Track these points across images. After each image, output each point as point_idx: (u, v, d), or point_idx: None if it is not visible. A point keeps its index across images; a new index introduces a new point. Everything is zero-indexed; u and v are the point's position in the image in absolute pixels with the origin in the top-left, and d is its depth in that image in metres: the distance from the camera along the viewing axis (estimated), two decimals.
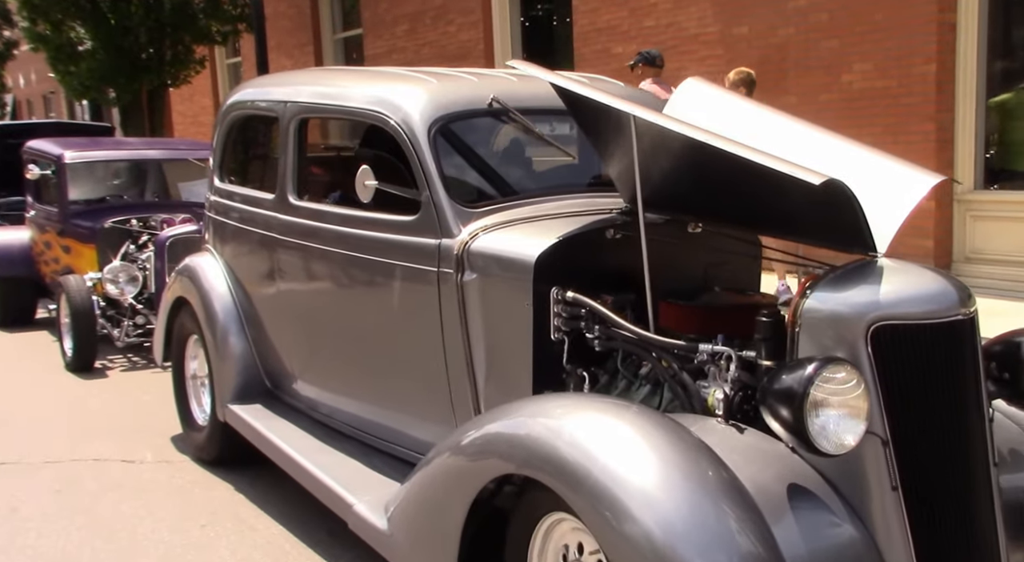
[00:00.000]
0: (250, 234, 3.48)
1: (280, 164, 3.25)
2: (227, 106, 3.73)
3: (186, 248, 5.68)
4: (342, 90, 3.05)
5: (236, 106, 3.67)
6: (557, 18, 9.65)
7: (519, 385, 2.50)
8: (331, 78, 3.27)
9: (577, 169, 3.05)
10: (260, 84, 3.66)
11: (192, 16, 11.21)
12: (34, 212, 6.75)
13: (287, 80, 3.45)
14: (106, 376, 5.48)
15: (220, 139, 3.78)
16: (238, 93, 3.72)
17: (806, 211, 2.14)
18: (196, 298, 3.74)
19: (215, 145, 3.85)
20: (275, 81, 3.58)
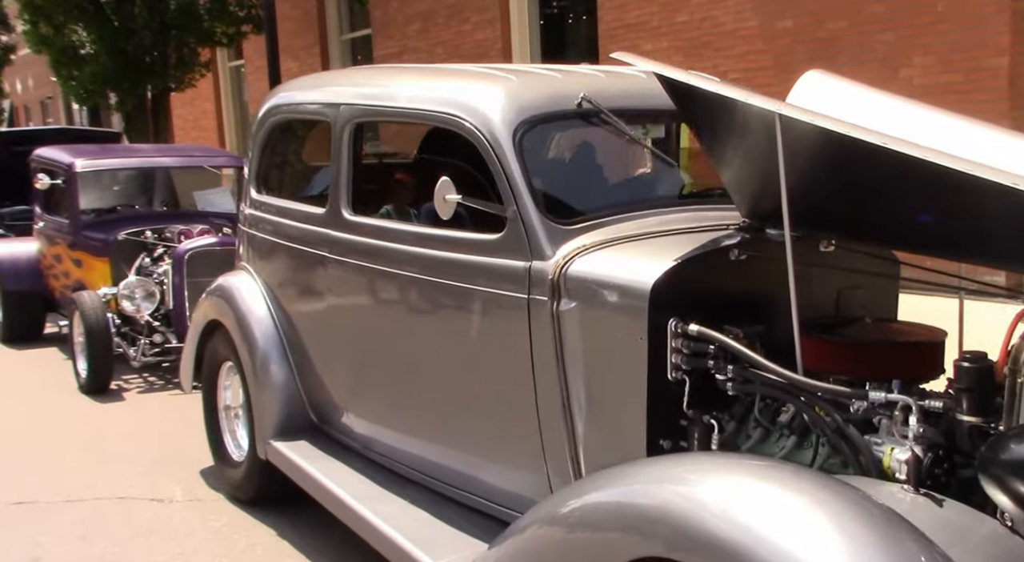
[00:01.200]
0: (294, 252, 3.13)
1: (332, 174, 2.90)
2: (265, 110, 3.37)
3: (206, 262, 5.35)
4: (407, 90, 2.70)
5: (276, 110, 3.32)
6: (580, 14, 9.29)
7: (629, 433, 2.16)
8: (391, 77, 2.92)
9: (672, 178, 2.70)
10: (305, 85, 3.30)
11: (197, 17, 10.85)
12: (43, 223, 6.38)
13: (337, 80, 3.10)
14: (122, 399, 5.12)
15: (257, 147, 3.43)
16: (278, 96, 3.37)
17: (996, 225, 1.80)
18: (232, 321, 3.39)
19: (251, 153, 3.50)
20: (323, 81, 3.22)
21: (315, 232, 3.00)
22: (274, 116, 3.34)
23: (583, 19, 9.04)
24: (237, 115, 16.44)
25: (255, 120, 3.45)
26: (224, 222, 6.14)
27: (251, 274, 3.45)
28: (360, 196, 2.87)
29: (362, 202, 2.88)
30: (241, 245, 3.64)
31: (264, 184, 3.45)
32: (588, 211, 2.43)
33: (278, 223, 3.25)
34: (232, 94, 16.34)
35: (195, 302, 5.27)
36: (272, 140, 3.41)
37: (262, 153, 3.43)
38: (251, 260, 3.49)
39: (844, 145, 1.85)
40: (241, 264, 3.58)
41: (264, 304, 3.34)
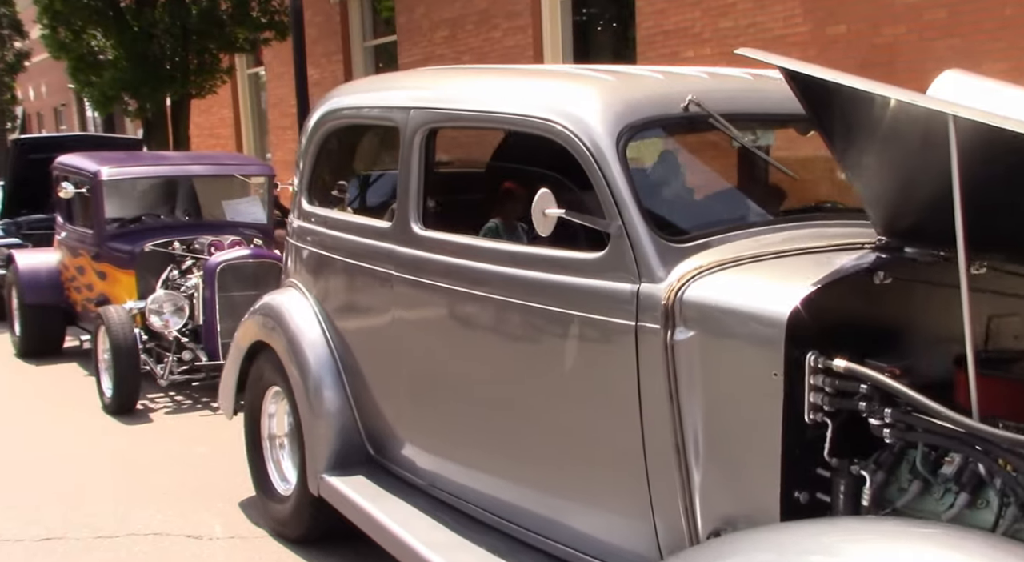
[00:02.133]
0: (353, 269, 2.87)
1: (401, 185, 2.63)
2: (320, 116, 3.11)
3: (239, 275, 5.10)
4: (489, 93, 2.44)
5: (333, 115, 3.06)
6: (616, 20, 9.05)
7: (759, 482, 1.88)
8: (469, 79, 2.66)
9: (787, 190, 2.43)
10: (366, 88, 3.04)
11: (219, 23, 10.64)
12: (65, 234, 6.14)
13: (405, 82, 2.84)
14: (149, 420, 4.85)
15: (310, 155, 3.17)
16: (334, 100, 3.11)
17: None
18: (281, 343, 3.12)
19: (302, 162, 3.24)
20: (388, 84, 2.96)
21: (379, 248, 2.73)
22: (329, 122, 3.08)
23: (619, 25, 8.80)
24: (255, 123, 16.25)
25: (308, 127, 3.19)
26: (254, 233, 5.90)
27: (302, 291, 3.19)
28: (433, 209, 2.61)
29: (434, 216, 2.61)
30: (289, 259, 3.38)
31: (317, 195, 3.19)
32: (700, 227, 2.16)
33: (334, 237, 2.99)
34: (250, 101, 16.15)
35: (227, 317, 5.05)
36: (326, 147, 3.15)
37: (315, 161, 3.17)
38: (301, 276, 3.23)
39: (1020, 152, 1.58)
40: (289, 280, 3.32)
41: (317, 324, 3.08)
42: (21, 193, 8.15)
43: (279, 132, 14.83)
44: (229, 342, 5.02)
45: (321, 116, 3.12)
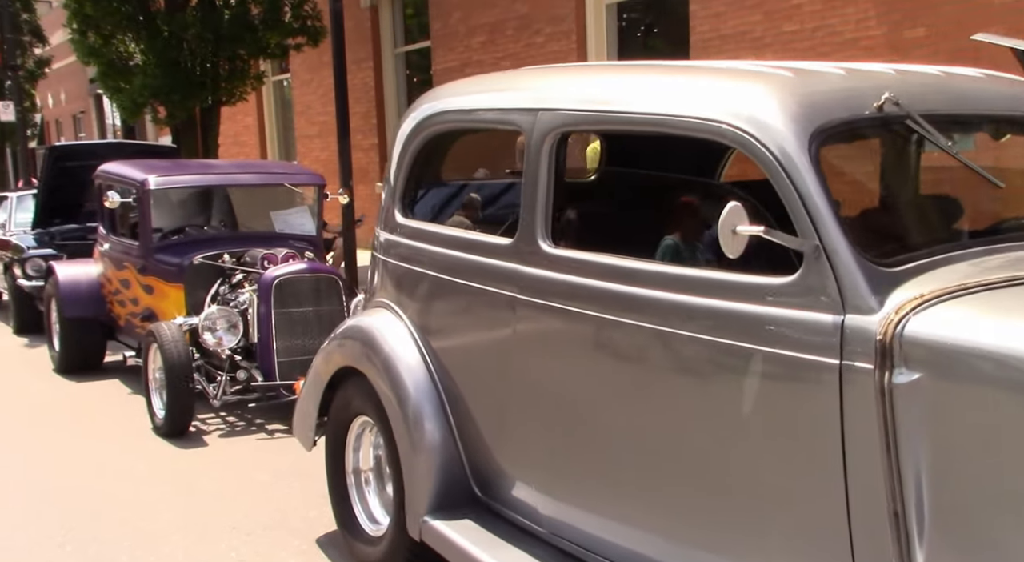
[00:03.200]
0: (463, 290, 2.58)
1: (526, 196, 2.35)
2: (419, 120, 2.83)
3: (295, 291, 4.82)
4: (642, 92, 2.15)
5: (434, 120, 2.78)
6: (666, 25, 8.77)
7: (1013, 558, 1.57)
8: (611, 76, 2.36)
9: (997, 202, 2.13)
10: (475, 89, 2.75)
11: (251, 28, 10.42)
12: (108, 245, 5.88)
13: (527, 82, 2.54)
14: (204, 443, 4.57)
15: (406, 162, 2.88)
16: (435, 103, 2.82)
17: None
18: (374, 368, 2.84)
19: (396, 170, 2.95)
20: (503, 84, 2.67)
21: (497, 267, 2.44)
22: (432, 126, 2.79)
23: (672, 29, 8.52)
24: (280, 130, 16.04)
25: (403, 132, 2.90)
26: (305, 245, 5.63)
27: (395, 313, 2.90)
28: (563, 223, 2.32)
29: (566, 231, 2.33)
30: (376, 277, 3.09)
31: (415, 207, 2.91)
32: (910, 247, 1.87)
33: (436, 254, 2.70)
34: (275, 109, 15.95)
35: (283, 335, 4.78)
36: (426, 155, 2.87)
37: (412, 170, 2.89)
38: (393, 296, 2.94)
39: None
40: (377, 300, 3.03)
41: (414, 349, 2.79)
42: (54, 202, 7.92)
43: (305, 140, 14.61)
44: (285, 361, 4.81)
45: (420, 121, 2.83)
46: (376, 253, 3.10)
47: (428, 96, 2.95)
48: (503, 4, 9.89)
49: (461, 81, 2.96)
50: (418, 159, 2.88)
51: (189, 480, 4.05)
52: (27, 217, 8.47)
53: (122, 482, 4.06)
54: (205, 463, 4.28)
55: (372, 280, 3.17)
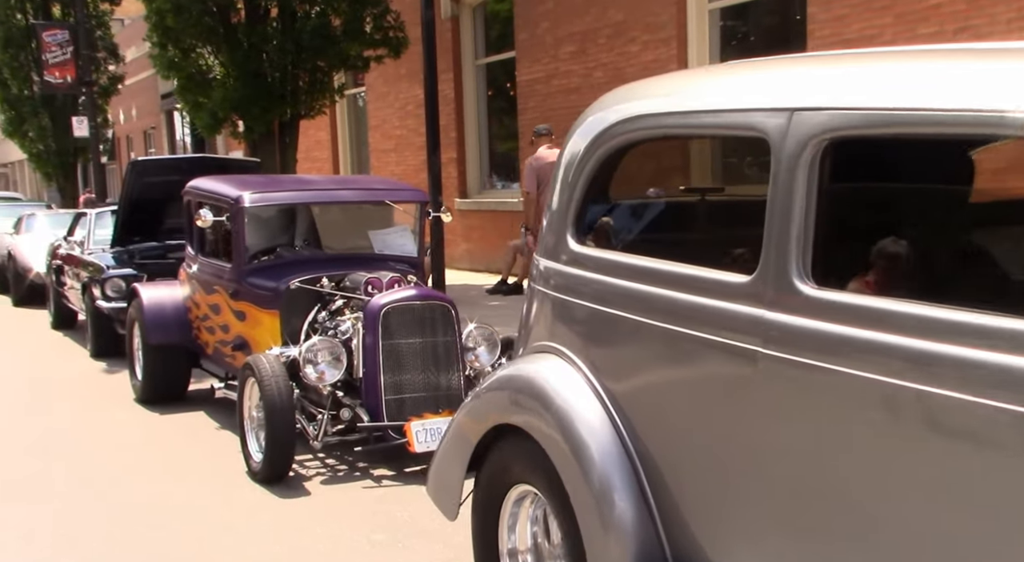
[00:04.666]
0: (675, 337, 2.03)
1: (775, 223, 1.80)
2: (602, 130, 2.30)
3: (404, 320, 4.35)
4: (967, 84, 1.59)
5: (626, 127, 2.25)
6: (781, 29, 8.18)
7: None
8: (900, 62, 1.80)
9: None
10: (686, 86, 2.20)
11: (332, 39, 10.13)
12: (196, 267, 5.51)
13: (768, 74, 1.99)
14: (306, 491, 4.10)
15: (583, 180, 2.36)
16: (624, 106, 2.29)
17: None
18: (545, 428, 2.31)
19: (566, 189, 2.44)
20: (725, 78, 2.11)
21: (727, 312, 1.90)
22: (618, 136, 2.27)
23: (785, 35, 7.91)
24: (354, 145, 15.81)
25: (581, 144, 2.38)
26: (407, 268, 5.17)
27: (569, 361, 2.38)
28: (830, 257, 1.77)
29: (834, 267, 1.77)
30: (539, 316, 2.57)
31: (594, 232, 2.38)
32: None
33: (631, 291, 2.17)
34: (349, 123, 15.73)
35: (390, 369, 4.30)
36: (610, 170, 2.35)
37: (590, 188, 2.37)
38: (566, 340, 2.41)
39: None
40: (543, 344, 2.51)
41: (597, 405, 2.26)
42: (134, 219, 7.65)
43: (380, 155, 14.32)
44: (394, 398, 4.33)
45: (602, 131, 2.31)
46: (537, 285, 2.58)
47: (608, 101, 2.43)
48: (595, 12, 9.41)
49: (657, 79, 2.42)
50: (598, 176, 2.36)
51: (294, 537, 3.58)
52: (106, 234, 8.24)
53: (219, 535, 3.61)
54: (309, 516, 3.80)
55: (529, 318, 2.66)
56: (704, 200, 2.52)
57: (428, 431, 4.15)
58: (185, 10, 9.74)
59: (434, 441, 4.14)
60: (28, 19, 19.81)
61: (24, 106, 20.86)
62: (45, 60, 17.77)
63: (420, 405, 4.27)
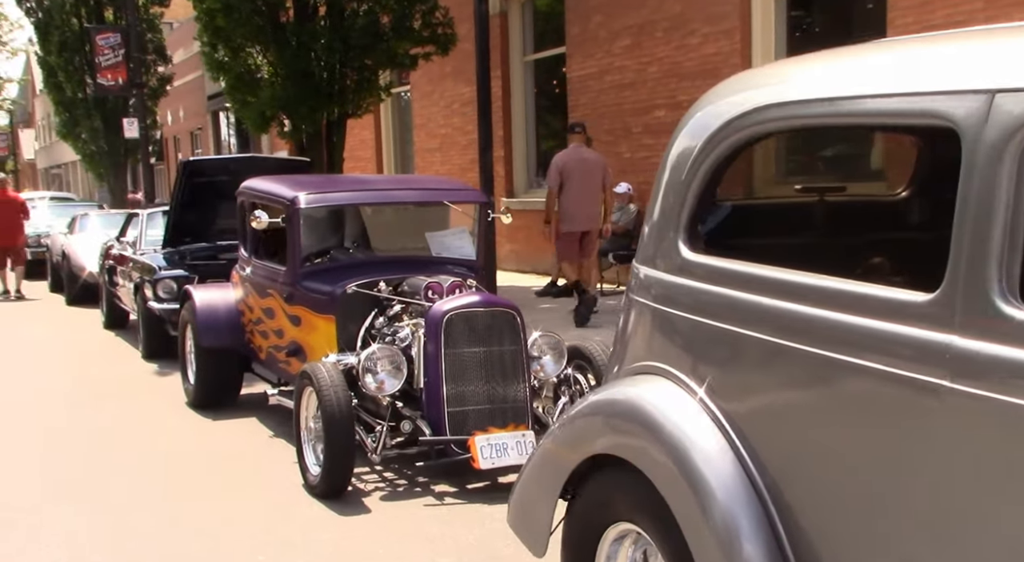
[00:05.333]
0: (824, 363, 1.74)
1: (969, 230, 1.50)
2: (723, 123, 2.01)
3: (467, 327, 4.11)
4: None
5: (750, 120, 1.95)
6: (857, 18, 7.77)
7: None
8: None
9: None
10: (828, 70, 1.90)
11: (380, 37, 9.96)
12: (250, 269, 5.33)
13: (950, 51, 1.69)
14: (366, 508, 3.87)
15: (698, 180, 2.08)
16: (750, 94, 2.00)
17: None
18: (656, 460, 2.03)
19: (671, 190, 2.16)
20: (886, 57, 1.81)
21: (904, 338, 1.59)
22: (743, 130, 1.98)
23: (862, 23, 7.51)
24: (398, 145, 15.67)
25: (696, 141, 2.09)
26: (466, 272, 4.93)
27: (680, 384, 2.10)
28: None
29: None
30: (640, 332, 2.30)
31: (710, 239, 2.10)
32: None
33: (768, 310, 1.87)
34: (393, 122, 15.59)
35: (453, 379, 4.06)
36: (726, 168, 2.06)
37: (706, 189, 2.08)
38: (677, 361, 2.13)
39: None
40: (647, 364, 2.23)
41: (718, 436, 1.97)
42: (185, 220, 7.54)
43: (425, 154, 14.14)
44: (457, 410, 4.08)
45: (723, 124, 2.01)
46: (637, 296, 2.31)
47: (726, 89, 2.14)
48: (652, 4, 9.08)
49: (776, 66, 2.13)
50: (716, 176, 2.07)
51: (356, 559, 3.35)
52: (157, 234, 8.16)
53: (279, 554, 3.40)
54: (370, 535, 3.57)
55: (626, 333, 2.38)
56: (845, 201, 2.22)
57: (493, 446, 3.91)
58: (235, 10, 9.66)
59: (499, 457, 3.91)
60: (82, 23, 20.08)
61: (78, 108, 21.17)
62: (98, 63, 17.97)
63: (484, 418, 4.02)
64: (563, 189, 7.54)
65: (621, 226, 9.12)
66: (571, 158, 7.65)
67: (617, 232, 9.10)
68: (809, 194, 2.33)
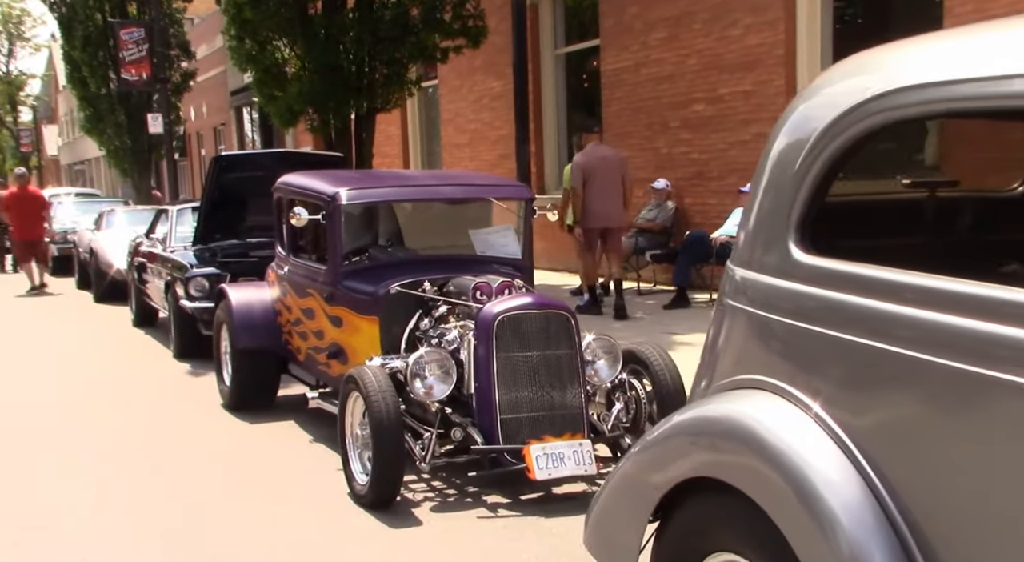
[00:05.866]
0: (986, 385, 1.53)
1: None
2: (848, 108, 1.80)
3: (518, 330, 3.92)
4: None
5: (884, 104, 1.74)
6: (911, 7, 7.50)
7: None
8: None
9: None
10: (995, 44, 1.69)
11: (412, 30, 9.78)
12: (288, 268, 5.18)
13: None
14: (416, 520, 3.70)
15: (813, 174, 1.88)
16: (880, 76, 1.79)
17: None
18: (767, 485, 1.84)
19: (777, 185, 1.96)
20: None
21: None
22: (871, 117, 1.77)
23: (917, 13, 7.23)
24: (424, 140, 15.50)
25: (812, 131, 1.89)
26: (511, 271, 4.75)
27: (793, 400, 1.90)
28: None
29: None
30: (743, 342, 2.10)
31: (827, 239, 1.90)
32: None
33: (905, 320, 1.67)
34: (420, 118, 15.42)
35: (505, 386, 3.88)
36: (846, 161, 1.86)
37: (822, 185, 1.88)
38: (789, 376, 1.93)
39: None
40: (750, 378, 2.03)
41: (841, 459, 1.77)
42: (216, 216, 7.41)
43: (453, 150, 13.97)
44: (510, 418, 3.89)
45: (847, 110, 1.81)
46: (734, 301, 2.11)
47: (837, 75, 1.94)
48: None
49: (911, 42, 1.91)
50: (833, 169, 1.87)
51: None
52: (186, 231, 8.05)
53: None
54: (423, 550, 3.40)
55: (718, 342, 2.18)
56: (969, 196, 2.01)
57: (549, 456, 3.72)
58: (263, 2, 9.52)
59: (556, 467, 3.72)
60: (106, 18, 20.07)
61: (102, 104, 21.18)
62: (122, 58, 17.96)
63: (538, 426, 3.84)
64: (585, 187, 7.58)
65: (659, 223, 8.90)
66: (592, 157, 7.71)
67: (654, 229, 8.89)
68: (927, 189, 2.12)
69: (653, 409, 4.13)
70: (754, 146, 8.26)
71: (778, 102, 7.90)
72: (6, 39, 45.35)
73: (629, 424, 4.17)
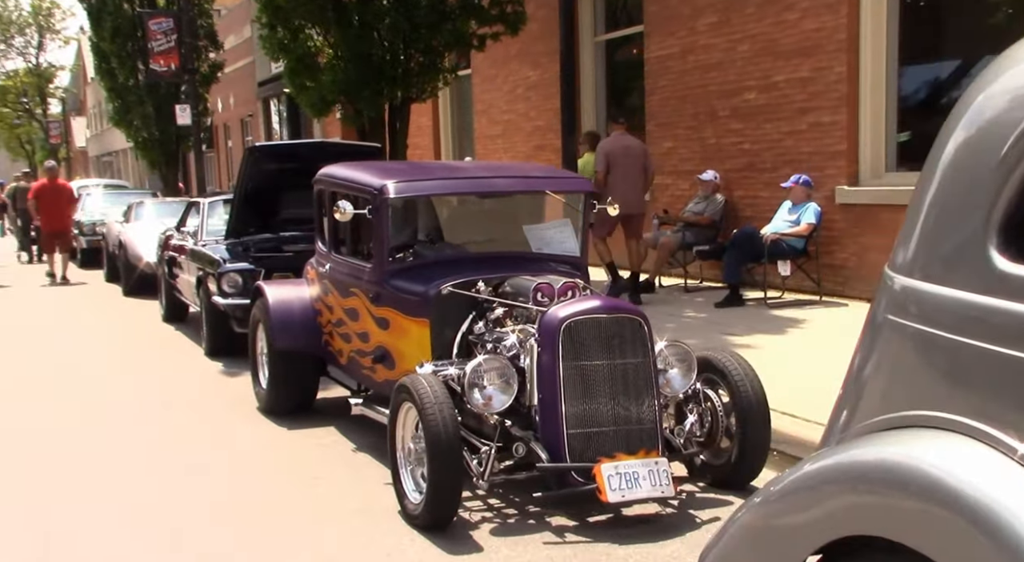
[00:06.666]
0: None
1: None
2: None
3: (585, 336, 3.56)
4: None
5: None
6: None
7: None
8: None
9: None
10: None
11: (448, 17, 9.43)
12: (330, 265, 4.86)
13: None
14: (477, 546, 3.36)
15: (1020, 170, 1.51)
16: None
17: None
18: (965, 550, 1.48)
19: (968, 177, 1.59)
20: None
21: None
22: None
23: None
24: (455, 131, 15.16)
25: (983, 120, 1.53)
26: (569, 269, 4.39)
27: (991, 443, 1.53)
28: None
29: None
30: (910, 369, 1.73)
31: None
32: None
33: None
34: (452, 108, 15.07)
35: (573, 397, 3.53)
36: None
37: None
38: (979, 410, 1.56)
39: None
40: (923, 415, 1.66)
41: None
42: (250, 209, 7.13)
43: (486, 141, 13.61)
44: (579, 432, 3.52)
45: None
46: (896, 318, 1.74)
47: None
48: None
49: None
50: None
51: None
52: (218, 224, 7.78)
53: None
54: None
55: (865, 371, 1.82)
56: None
57: (623, 476, 3.37)
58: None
59: (630, 489, 3.37)
60: (134, 8, 19.92)
61: (130, 95, 21.05)
62: (151, 49, 17.79)
63: (610, 442, 3.49)
64: (608, 174, 7.95)
65: (707, 217, 8.50)
66: (616, 145, 8.13)
67: (702, 223, 8.49)
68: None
69: (731, 422, 3.78)
70: (810, 136, 7.84)
71: (839, 90, 7.46)
72: (36, 31, 45.58)
73: (704, 439, 3.82)
